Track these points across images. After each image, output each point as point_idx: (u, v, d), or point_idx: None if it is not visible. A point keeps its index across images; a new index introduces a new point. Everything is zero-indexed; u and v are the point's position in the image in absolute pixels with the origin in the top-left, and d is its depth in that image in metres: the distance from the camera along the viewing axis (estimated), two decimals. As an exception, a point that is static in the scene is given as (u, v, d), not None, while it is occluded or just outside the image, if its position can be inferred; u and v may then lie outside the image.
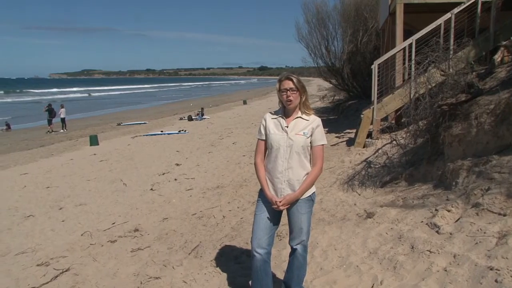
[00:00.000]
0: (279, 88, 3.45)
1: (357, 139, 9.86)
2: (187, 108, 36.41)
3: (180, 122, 25.14)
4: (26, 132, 26.38)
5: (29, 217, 7.97)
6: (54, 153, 16.70)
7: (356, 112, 14.44)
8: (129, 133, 21.50)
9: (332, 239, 4.93)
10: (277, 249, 4.92)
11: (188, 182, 9.57)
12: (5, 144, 20.95)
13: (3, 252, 6.24)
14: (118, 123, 27.29)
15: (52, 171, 12.58)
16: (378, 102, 9.89)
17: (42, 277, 5.24)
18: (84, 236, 6.61)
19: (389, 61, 10.29)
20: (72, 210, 8.20)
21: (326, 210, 6.22)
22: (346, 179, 7.48)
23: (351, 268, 4.13)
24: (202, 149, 13.96)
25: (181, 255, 5.43)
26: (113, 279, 4.98)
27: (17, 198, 9.47)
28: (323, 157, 3.51)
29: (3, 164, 14.74)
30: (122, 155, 14.40)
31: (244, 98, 44.78)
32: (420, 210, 4.83)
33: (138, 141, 18.05)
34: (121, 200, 8.59)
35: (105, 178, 10.79)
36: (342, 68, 19.59)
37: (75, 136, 22.51)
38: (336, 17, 19.80)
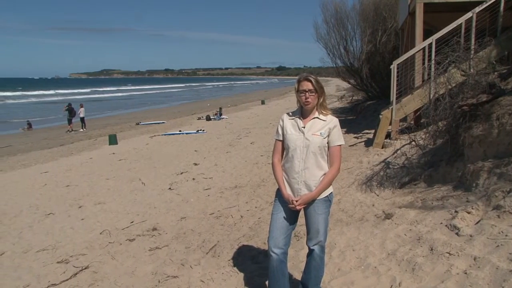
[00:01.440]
0: (298, 88, 3.45)
1: (376, 140, 9.79)
2: (205, 108, 36.56)
3: (198, 122, 25.25)
4: (47, 131, 26.77)
5: (49, 215, 8.08)
6: (74, 152, 16.89)
7: (375, 113, 14.35)
8: (147, 132, 21.65)
9: (350, 239, 4.91)
10: (295, 250, 4.92)
11: (206, 181, 9.60)
12: (26, 143, 21.28)
13: (24, 249, 6.34)
14: (137, 123, 27.50)
15: (72, 169, 12.73)
16: (397, 103, 9.82)
17: (62, 274, 5.32)
18: (103, 235, 6.67)
19: (408, 61, 10.20)
20: (91, 209, 8.29)
21: (344, 210, 6.20)
22: (364, 179, 7.44)
23: (369, 269, 4.11)
24: (220, 149, 14.00)
25: (199, 254, 5.46)
26: (131, 277, 5.03)
27: (38, 196, 9.60)
28: (340, 157, 3.50)
29: (25, 163, 14.98)
30: (140, 154, 14.51)
31: (262, 98, 44.80)
32: (439, 211, 4.77)
33: (157, 140, 18.16)
34: (140, 199, 8.65)
35: (123, 177, 10.88)
36: (361, 68, 19.48)
37: (94, 135, 22.75)
38: (355, 17, 19.71)
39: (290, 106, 31.82)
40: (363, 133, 12.24)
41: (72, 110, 26.84)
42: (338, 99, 29.84)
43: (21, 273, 5.47)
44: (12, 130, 28.07)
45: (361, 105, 20.29)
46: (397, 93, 9.97)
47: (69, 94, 72.48)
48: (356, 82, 21.58)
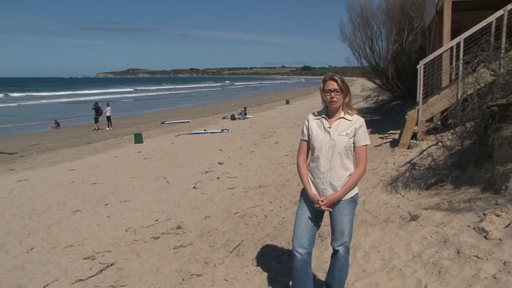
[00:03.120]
0: (323, 88, 3.44)
1: (401, 140, 9.68)
2: (229, 107, 36.68)
3: (223, 121, 25.35)
4: (74, 130, 27.22)
5: (76, 212, 8.22)
6: (100, 150, 17.15)
7: (400, 113, 14.18)
8: (172, 131, 21.83)
9: (375, 241, 4.87)
10: (319, 250, 4.91)
11: (230, 181, 9.64)
12: (54, 141, 21.69)
13: (53, 245, 6.48)
14: (162, 122, 27.75)
15: (98, 167, 12.92)
16: (424, 103, 9.68)
17: (89, 270, 5.41)
18: (128, 232, 6.76)
19: (435, 61, 10.05)
20: (117, 206, 8.40)
21: (369, 211, 6.15)
22: (390, 180, 7.36)
23: (394, 271, 4.07)
24: (244, 148, 14.03)
25: (223, 253, 5.49)
26: (156, 275, 5.08)
27: (65, 193, 9.77)
28: (366, 157, 3.48)
29: (53, 160, 15.28)
30: (165, 153, 14.64)
31: (286, 98, 44.72)
32: (466, 214, 4.70)
33: (182, 139, 18.31)
34: (165, 198, 8.73)
35: (149, 176, 10.99)
36: (387, 68, 19.27)
37: (120, 134, 23.04)
38: (381, 16, 19.51)
39: (315, 106, 31.70)
40: (389, 133, 12.11)
41: (98, 109, 27.25)
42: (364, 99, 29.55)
43: (50, 268, 5.59)
44: (41, 128, 28.66)
45: (387, 105, 20.08)
46: (424, 93, 9.83)
47: (106, 94, 73.74)
48: (381, 82, 21.35)
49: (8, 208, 8.82)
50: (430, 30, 13.89)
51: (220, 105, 43.14)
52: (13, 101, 56.69)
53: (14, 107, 49.17)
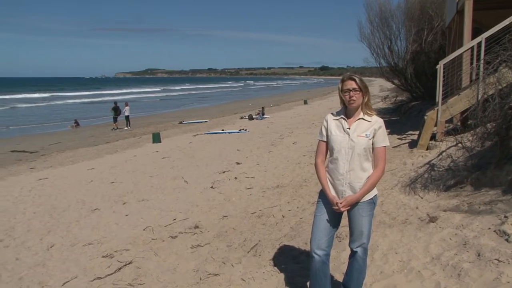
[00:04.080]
0: (342, 88, 3.42)
1: (420, 141, 9.58)
2: (247, 107, 36.71)
3: (241, 121, 25.38)
4: (93, 129, 27.55)
5: (95, 211, 8.32)
6: (119, 150, 17.31)
7: (419, 114, 14.05)
8: (190, 131, 21.93)
9: (393, 242, 4.83)
10: (336, 251, 4.89)
11: (248, 180, 9.65)
12: (74, 140, 21.96)
13: (72, 243, 6.57)
14: (180, 121, 27.90)
15: (117, 167, 13.04)
16: (443, 103, 9.58)
17: (107, 268, 5.47)
18: (146, 231, 6.81)
19: (455, 61, 9.93)
20: (135, 205, 8.47)
21: (387, 212, 6.10)
22: (408, 181, 7.30)
23: (412, 273, 4.04)
24: (262, 148, 14.03)
25: (240, 253, 5.49)
26: (173, 274, 5.12)
27: (85, 192, 9.90)
28: (385, 159, 3.45)
29: (73, 159, 15.47)
30: (183, 152, 14.71)
31: (304, 98, 44.60)
32: (487, 216, 4.64)
33: (199, 139, 18.38)
34: (182, 197, 8.78)
35: (167, 175, 11.06)
36: (405, 68, 19.11)
37: (138, 134, 23.22)
38: (400, 16, 19.35)
39: (333, 106, 31.56)
40: (407, 134, 12.00)
41: (117, 108, 27.50)
42: (382, 100, 29.32)
43: (69, 265, 5.68)
44: (62, 127, 29.06)
45: (405, 106, 19.90)
46: (443, 94, 9.72)
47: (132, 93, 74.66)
48: (400, 82, 21.19)
49: (29, 206, 8.98)
50: (450, 29, 13.73)
51: (238, 105, 43.21)
52: (42, 101, 57.58)
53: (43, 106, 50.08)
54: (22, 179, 12.19)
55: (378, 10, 19.55)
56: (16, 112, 43.60)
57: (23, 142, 21.60)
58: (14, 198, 9.77)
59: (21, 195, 10.08)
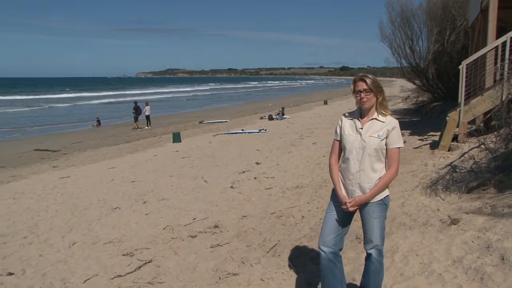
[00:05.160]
0: (354, 89, 3.46)
1: (442, 142, 9.47)
2: (267, 107, 36.71)
3: (261, 121, 25.37)
4: (114, 128, 27.87)
5: (115, 209, 8.40)
6: (139, 149, 17.46)
7: (441, 114, 13.90)
8: (210, 131, 22.01)
9: (414, 244, 4.79)
10: (356, 252, 4.87)
11: (267, 181, 9.64)
12: (95, 139, 22.24)
13: (93, 240, 6.65)
14: (200, 121, 28.03)
15: (137, 166, 13.15)
16: (466, 104, 9.45)
17: (127, 266, 5.52)
18: (166, 230, 6.86)
19: (478, 61, 9.79)
20: (155, 204, 8.53)
21: (408, 214, 6.04)
22: (429, 183, 7.22)
23: (433, 275, 3.99)
24: (282, 149, 14.01)
25: (259, 253, 5.50)
26: (192, 273, 5.14)
27: (106, 191, 10.00)
28: (398, 160, 3.42)
29: (94, 158, 15.66)
30: (203, 152, 14.77)
31: (324, 98, 44.42)
32: (511, 219, 4.56)
33: (219, 139, 18.43)
34: (202, 197, 8.81)
35: (186, 175, 11.12)
36: (427, 68, 18.93)
37: (159, 133, 23.40)
38: (422, 16, 19.18)
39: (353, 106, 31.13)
40: (428, 135, 11.88)
41: (138, 108, 27.76)
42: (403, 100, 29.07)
43: (90, 263, 5.75)
44: (84, 126, 29.48)
45: (427, 107, 19.70)
46: (466, 94, 9.60)
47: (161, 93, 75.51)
48: (421, 82, 20.99)
49: (52, 204, 9.12)
50: (473, 29, 13.55)
51: (258, 105, 43.24)
52: (69, 101, 58.64)
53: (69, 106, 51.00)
54: (45, 178, 12.39)
55: (400, 10, 19.42)
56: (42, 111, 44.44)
57: (46, 141, 21.98)
58: (37, 196, 9.94)
59: (44, 193, 10.25)
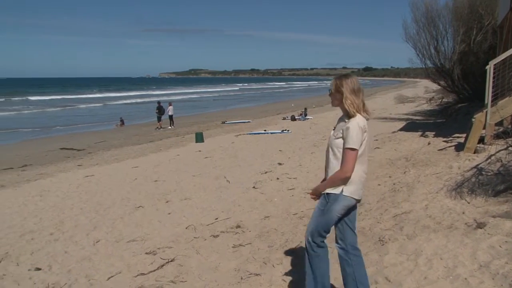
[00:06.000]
0: None
1: (467, 144, 9.31)
2: (289, 108, 36.63)
3: (283, 122, 25.34)
4: (138, 128, 28.18)
5: (139, 208, 8.49)
6: (162, 149, 17.61)
7: (466, 116, 13.68)
8: (233, 131, 22.07)
9: (438, 247, 4.71)
10: (379, 255, 4.81)
11: (290, 181, 9.62)
12: (119, 138, 22.52)
13: (117, 239, 6.74)
14: (223, 121, 28.13)
15: (160, 165, 13.27)
16: (493, 105, 9.27)
17: (150, 264, 5.58)
18: (189, 229, 6.90)
19: (507, 61, 9.60)
20: (177, 204, 8.59)
21: (432, 217, 5.95)
22: (454, 185, 7.10)
23: (458, 280, 3.92)
24: (304, 149, 13.97)
25: (282, 253, 5.49)
26: (215, 272, 5.16)
27: (129, 190, 10.12)
28: (348, 162, 3.49)
29: (118, 157, 15.86)
30: (226, 152, 14.82)
31: (347, 99, 44.10)
32: (540, 223, 4.46)
33: (242, 139, 18.47)
34: (224, 197, 8.84)
35: (209, 175, 11.16)
36: (452, 69, 18.65)
37: (181, 133, 23.56)
38: (447, 15, 18.89)
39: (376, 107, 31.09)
40: (453, 137, 11.69)
41: (161, 108, 27.99)
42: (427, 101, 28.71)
43: (114, 261, 5.83)
44: (108, 126, 29.87)
45: (452, 108, 19.43)
46: (493, 95, 9.42)
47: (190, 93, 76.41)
48: (446, 83, 20.69)
49: (77, 202, 9.27)
50: (502, 28, 13.29)
51: (280, 106, 43.20)
52: (95, 101, 59.76)
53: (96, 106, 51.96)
54: (70, 176, 12.60)
55: (425, 9, 19.16)
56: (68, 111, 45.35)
57: (72, 140, 22.36)
58: (63, 194, 10.12)
59: (69, 191, 10.43)
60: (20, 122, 33.09)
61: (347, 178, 3.51)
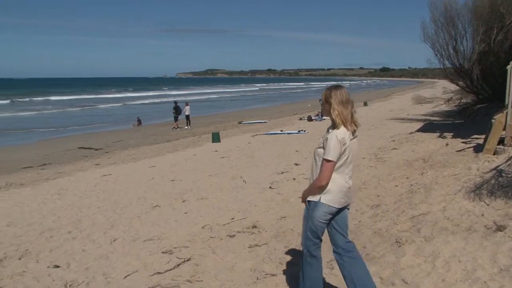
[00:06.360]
0: None
1: (487, 145, 9.19)
2: (306, 108, 36.53)
3: (300, 122, 25.27)
4: (154, 128, 28.37)
5: (155, 207, 8.53)
6: (179, 148, 17.68)
7: (486, 117, 13.49)
8: (249, 131, 22.08)
9: (456, 250, 4.66)
10: (396, 256, 4.77)
11: (306, 182, 9.48)
12: (136, 138, 22.69)
13: (133, 237, 6.78)
14: (239, 121, 28.17)
15: (177, 165, 13.32)
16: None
17: (166, 264, 5.60)
18: (205, 229, 6.91)
19: (527, 61, 9.45)
20: (194, 203, 8.61)
21: (450, 219, 5.88)
22: (473, 187, 7.01)
23: (477, 283, 3.87)
24: (320, 150, 13.88)
25: (298, 254, 5.47)
26: (231, 272, 5.17)
27: (145, 189, 10.17)
28: (323, 171, 3.58)
29: (135, 157, 15.97)
30: (242, 152, 14.82)
31: (364, 100, 43.88)
32: (562, 226, 4.38)
33: (258, 139, 18.46)
34: (241, 197, 8.84)
35: (225, 174, 11.18)
36: (471, 69, 18.39)
37: (198, 133, 23.64)
38: (467, 15, 18.63)
39: (394, 108, 30.89)
40: (472, 138, 11.54)
41: (178, 108, 28.14)
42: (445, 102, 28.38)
43: (131, 260, 5.86)
44: (125, 125, 30.13)
45: (471, 108, 19.18)
46: (514, 96, 9.29)
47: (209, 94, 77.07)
48: (465, 84, 20.41)
49: (94, 201, 9.35)
50: (522, 28, 13.09)
51: (297, 106, 43.11)
52: (118, 101, 60.53)
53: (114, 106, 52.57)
54: (87, 175, 12.72)
55: (443, 9, 18.92)
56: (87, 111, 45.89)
57: (90, 139, 22.61)
58: (80, 193, 10.22)
59: (87, 190, 10.53)
60: (40, 122, 33.69)
61: (323, 186, 3.62)
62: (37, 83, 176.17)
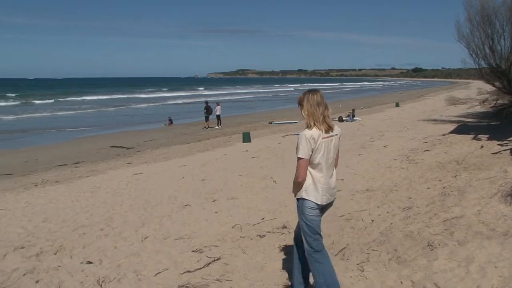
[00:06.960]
0: None
1: (524, 148, 8.95)
2: (337, 109, 36.23)
3: (331, 123, 25.07)
4: (186, 127, 28.64)
5: (186, 206, 8.59)
6: (210, 148, 17.80)
7: (523, 118, 13.14)
8: (279, 131, 22.06)
9: (492, 255, 4.53)
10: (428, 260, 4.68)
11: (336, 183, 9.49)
12: (167, 137, 22.96)
13: (164, 236, 6.84)
14: (270, 122, 28.17)
15: (207, 164, 13.40)
16: (552, 108, 8.87)
17: (196, 262, 5.64)
18: (235, 229, 6.93)
19: None
20: (224, 203, 8.64)
21: (485, 223, 5.73)
22: (510, 191, 6.82)
23: (514, 290, 3.77)
24: (351, 151, 13.77)
25: (327, 255, 5.43)
26: (260, 272, 5.17)
27: (176, 188, 10.26)
28: (298, 168, 3.96)
29: (166, 156, 16.15)
30: (273, 153, 14.81)
31: (396, 101, 43.28)
32: None
33: (289, 140, 18.40)
34: (271, 197, 8.82)
35: (255, 175, 11.18)
36: (509, 69, 17.92)
37: (229, 133, 23.76)
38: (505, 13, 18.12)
39: (426, 109, 30.37)
40: (509, 140, 11.24)
41: (209, 108, 28.34)
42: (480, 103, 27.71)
43: (161, 258, 5.93)
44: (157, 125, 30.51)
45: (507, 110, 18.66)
46: (552, 98, 9.02)
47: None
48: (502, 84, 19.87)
49: (126, 199, 9.49)
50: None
51: (327, 107, 42.76)
52: (150, 101, 61.90)
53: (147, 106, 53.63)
54: (119, 173, 12.93)
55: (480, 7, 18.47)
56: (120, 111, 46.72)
57: (122, 138, 22.99)
58: (113, 191, 10.39)
59: (119, 188, 10.70)
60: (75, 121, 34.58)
61: (299, 183, 3.96)
62: (73, 83, 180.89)
